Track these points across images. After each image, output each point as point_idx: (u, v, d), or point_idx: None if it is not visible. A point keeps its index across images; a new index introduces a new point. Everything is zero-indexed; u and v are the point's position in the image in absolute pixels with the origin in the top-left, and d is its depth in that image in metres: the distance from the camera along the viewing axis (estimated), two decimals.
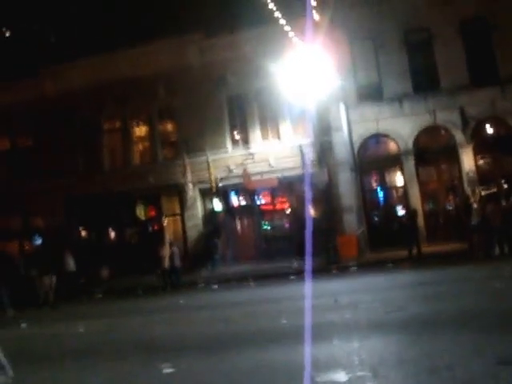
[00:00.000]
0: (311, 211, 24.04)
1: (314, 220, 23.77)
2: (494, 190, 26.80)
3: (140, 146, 32.20)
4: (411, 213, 24.46)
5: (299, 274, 21.44)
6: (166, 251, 24.28)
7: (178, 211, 30.65)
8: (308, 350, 6.94)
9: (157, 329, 11.92)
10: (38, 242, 31.52)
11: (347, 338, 8.07)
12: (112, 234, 31.87)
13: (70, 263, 24.45)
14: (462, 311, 9.10)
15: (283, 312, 11.49)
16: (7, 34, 35.52)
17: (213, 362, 7.55)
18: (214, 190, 28.37)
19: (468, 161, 27.04)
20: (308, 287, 15.36)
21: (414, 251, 22.34)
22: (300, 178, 25.95)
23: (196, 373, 7.02)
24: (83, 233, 31.87)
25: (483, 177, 27.18)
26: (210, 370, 7.07)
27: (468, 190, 26.02)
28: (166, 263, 23.91)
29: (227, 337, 9.58)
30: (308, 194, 24.40)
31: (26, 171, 31.42)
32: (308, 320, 9.65)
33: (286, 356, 7.38)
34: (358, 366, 6.29)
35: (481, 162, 27.62)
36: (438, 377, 5.47)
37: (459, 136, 26.96)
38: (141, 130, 32.27)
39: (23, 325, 15.10)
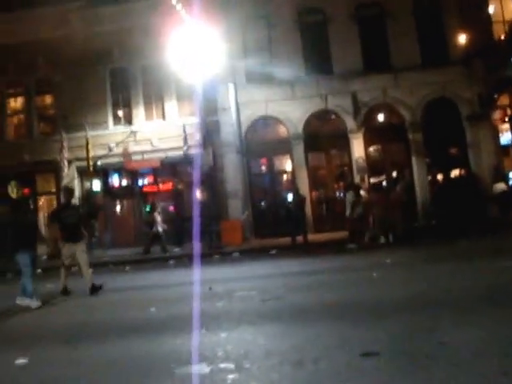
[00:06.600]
0: (197, 194, 23.07)
1: (199, 204, 22.76)
2: (383, 178, 26.68)
3: (15, 120, 30.20)
4: (299, 199, 23.54)
5: (179, 259, 20.61)
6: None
7: (53, 190, 28.87)
8: (172, 341, 6.90)
9: (14, 316, 10.79)
10: None
11: (215, 328, 7.49)
12: None
13: None
14: (336, 302, 8.86)
15: (153, 300, 10.70)
16: None
17: (69, 352, 6.97)
18: (93, 168, 26.80)
19: (358, 148, 26.82)
20: (185, 274, 14.56)
21: (300, 239, 21.58)
22: (184, 160, 24.93)
23: (50, 364, 6.46)
24: None
25: (373, 164, 27.12)
26: (66, 361, 6.51)
27: (357, 178, 25.87)
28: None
29: (89, 326, 8.78)
30: (192, 177, 23.39)
31: None
32: (177, 309, 9.37)
33: (149, 347, 6.89)
34: (222, 357, 5.97)
35: (370, 149, 27.48)
36: (302, 370, 5.34)
37: (350, 122, 26.70)
38: (16, 103, 30.24)
39: None
